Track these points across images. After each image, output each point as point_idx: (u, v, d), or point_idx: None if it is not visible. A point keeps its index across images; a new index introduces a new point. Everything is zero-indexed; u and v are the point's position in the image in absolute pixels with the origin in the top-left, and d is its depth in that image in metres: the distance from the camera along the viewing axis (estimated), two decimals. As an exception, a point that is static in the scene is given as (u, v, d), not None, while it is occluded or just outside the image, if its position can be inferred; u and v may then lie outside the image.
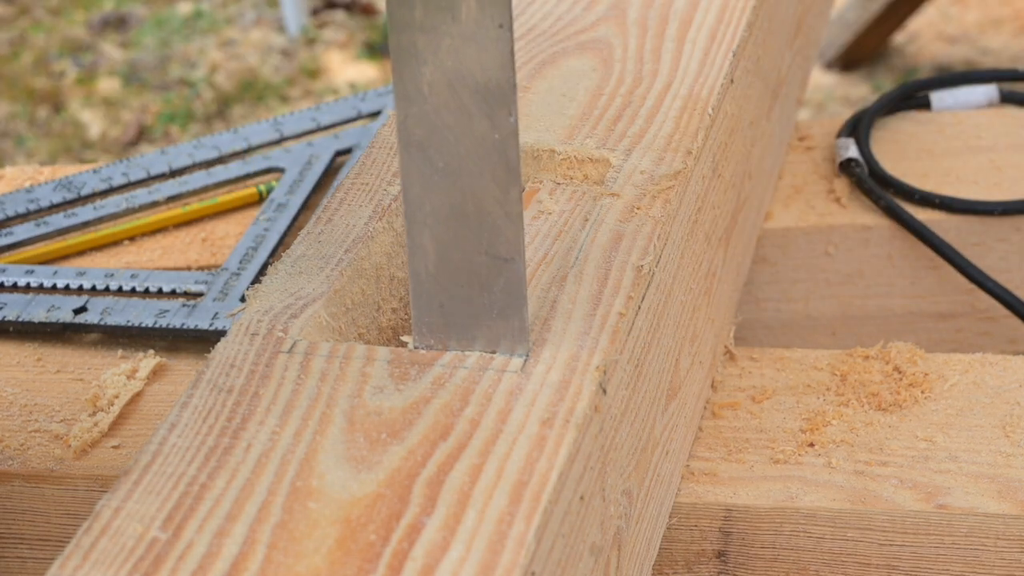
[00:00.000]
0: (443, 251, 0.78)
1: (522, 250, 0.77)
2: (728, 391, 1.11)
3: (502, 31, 0.71)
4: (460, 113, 0.74)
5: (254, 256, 1.21)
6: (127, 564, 0.69)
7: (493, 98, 0.73)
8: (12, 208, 1.30)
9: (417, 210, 0.77)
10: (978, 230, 1.29)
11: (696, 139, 0.97)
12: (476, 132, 0.74)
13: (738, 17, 1.11)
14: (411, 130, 0.75)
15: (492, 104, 0.73)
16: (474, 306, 0.78)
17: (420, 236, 0.77)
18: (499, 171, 0.75)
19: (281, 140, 1.37)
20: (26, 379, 1.13)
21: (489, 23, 0.71)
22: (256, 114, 3.11)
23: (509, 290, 0.78)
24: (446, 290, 0.78)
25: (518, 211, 0.76)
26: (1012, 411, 1.07)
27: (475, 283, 0.78)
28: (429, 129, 0.75)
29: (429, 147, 0.75)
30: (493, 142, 0.74)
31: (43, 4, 3.60)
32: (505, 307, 0.78)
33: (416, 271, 0.79)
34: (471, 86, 0.73)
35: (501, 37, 0.71)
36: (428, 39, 0.72)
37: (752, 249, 1.25)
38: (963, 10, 3.16)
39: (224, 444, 0.75)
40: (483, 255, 0.77)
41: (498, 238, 0.76)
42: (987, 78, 1.44)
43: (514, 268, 0.77)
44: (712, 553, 1.03)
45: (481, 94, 0.73)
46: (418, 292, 0.79)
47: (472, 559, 0.68)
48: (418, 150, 0.75)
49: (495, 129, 0.74)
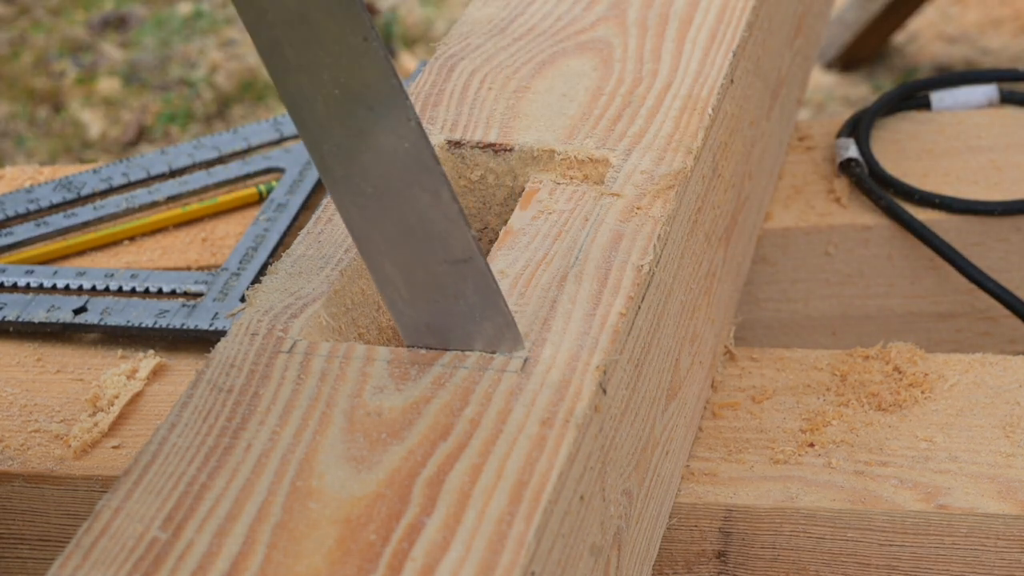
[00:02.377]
0: (407, 273, 0.78)
1: (475, 247, 0.77)
2: (728, 391, 1.11)
3: (368, 43, 0.71)
4: (364, 136, 0.74)
5: (254, 256, 1.21)
6: (127, 564, 0.69)
7: (386, 109, 0.73)
8: (12, 208, 1.30)
9: (368, 243, 0.77)
10: (978, 230, 1.29)
11: (696, 139, 0.97)
12: (386, 148, 0.74)
13: (738, 17, 1.10)
14: (331, 168, 0.75)
15: (388, 115, 0.73)
16: (456, 316, 0.79)
17: (381, 267, 0.78)
18: (423, 178, 0.75)
19: (281, 140, 1.37)
20: (26, 379, 1.13)
21: (354, 39, 0.71)
22: (256, 114, 3.11)
23: (480, 290, 0.78)
24: (425, 310, 0.79)
25: (456, 210, 0.76)
26: (1012, 411, 1.07)
27: (447, 294, 0.78)
28: (346, 161, 0.75)
29: (352, 178, 0.75)
30: (405, 151, 0.74)
31: (43, 4, 3.60)
32: (483, 308, 0.78)
33: (392, 302, 0.79)
34: (364, 104, 0.73)
35: (370, 49, 0.72)
36: (309, 76, 0.73)
37: (752, 249, 1.25)
38: (963, 10, 3.16)
39: (224, 444, 0.75)
40: (443, 263, 0.77)
41: (449, 242, 0.77)
42: (987, 78, 1.44)
43: (476, 266, 0.77)
44: (712, 553, 1.03)
45: (375, 109, 0.73)
46: (402, 322, 0.79)
47: (472, 559, 0.68)
48: (345, 184, 0.76)
49: (401, 138, 0.74)
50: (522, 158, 0.97)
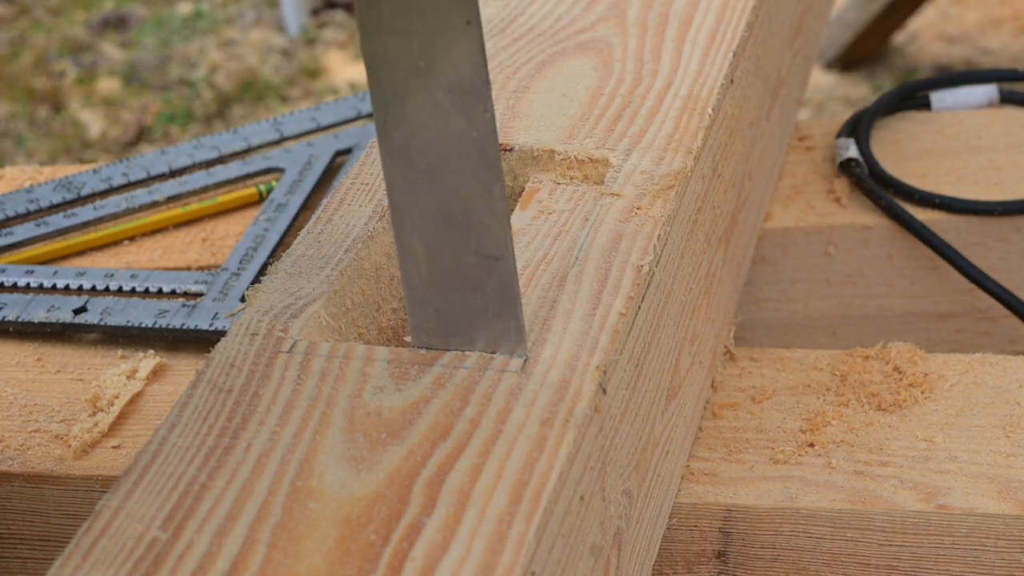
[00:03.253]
0: (433, 255, 0.77)
1: (511, 247, 0.76)
2: (728, 391, 1.11)
3: (470, 27, 0.71)
4: (437, 113, 0.73)
5: (254, 256, 1.21)
6: (127, 564, 0.69)
7: (467, 95, 0.73)
8: (12, 208, 1.30)
9: (404, 215, 0.77)
10: (978, 230, 1.29)
11: (696, 139, 0.97)
12: (454, 131, 0.74)
13: (738, 17, 1.11)
14: (391, 134, 0.75)
15: (467, 101, 0.73)
16: (469, 308, 0.78)
17: (409, 241, 0.77)
18: (480, 169, 0.74)
19: (281, 140, 1.37)
20: (26, 379, 1.13)
21: (456, 20, 0.71)
22: (256, 114, 3.11)
23: (501, 289, 0.77)
24: (440, 294, 0.78)
25: (503, 208, 0.75)
26: (1012, 411, 1.07)
27: (468, 285, 0.78)
28: (408, 132, 0.74)
29: (409, 150, 0.75)
30: (471, 140, 0.74)
31: (43, 4, 3.60)
32: (500, 307, 0.78)
33: (409, 277, 0.78)
34: (444, 85, 0.72)
35: (469, 34, 0.71)
36: (399, 41, 0.72)
37: (752, 249, 1.25)
38: (963, 10, 3.16)
39: (224, 444, 0.75)
40: (473, 255, 0.77)
41: (486, 237, 0.76)
42: (987, 78, 1.44)
43: (504, 266, 0.77)
44: (712, 553, 1.03)
45: (455, 92, 0.73)
46: (413, 298, 0.79)
47: (472, 559, 0.68)
48: (400, 154, 0.75)
49: (472, 127, 0.73)
50: (522, 158, 0.97)
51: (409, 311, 0.79)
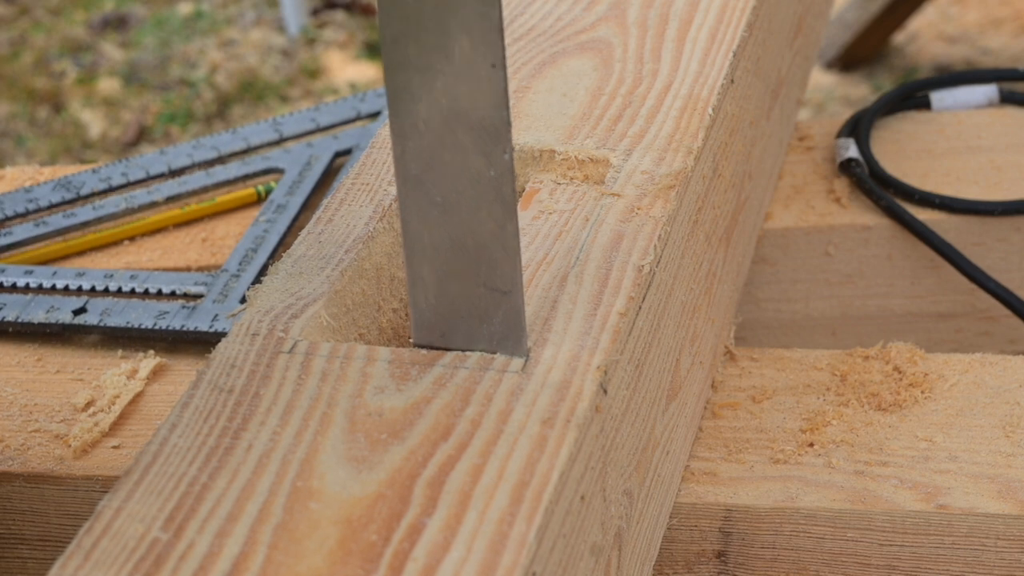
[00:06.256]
0: (442, 283, 0.78)
1: (520, 283, 0.77)
2: (728, 391, 1.11)
3: (495, 71, 0.71)
4: (456, 150, 0.74)
5: (254, 257, 1.21)
6: (128, 564, 0.69)
7: (488, 136, 0.73)
8: (12, 208, 1.30)
9: (416, 242, 0.77)
10: (978, 230, 1.29)
11: (696, 139, 0.97)
12: (472, 169, 0.74)
13: (738, 17, 1.11)
14: (408, 165, 0.75)
15: (487, 142, 0.73)
16: (474, 336, 0.79)
17: (420, 268, 0.78)
18: (495, 207, 0.75)
19: (281, 140, 1.37)
20: (26, 379, 1.13)
21: (482, 62, 0.71)
22: (256, 114, 3.11)
23: (507, 322, 0.78)
24: (446, 320, 0.79)
25: (515, 246, 0.76)
26: (1012, 411, 1.07)
27: (474, 314, 0.78)
28: (426, 164, 0.75)
29: (426, 182, 0.75)
30: (489, 179, 0.74)
31: (43, 4, 3.60)
32: (504, 338, 0.79)
33: (416, 301, 0.79)
34: (466, 124, 0.73)
35: (494, 76, 0.71)
36: (423, 78, 0.72)
37: (752, 249, 1.25)
38: (963, 10, 3.16)
39: (225, 444, 0.75)
40: (482, 287, 0.77)
41: (496, 272, 0.77)
42: (987, 78, 1.44)
43: (512, 301, 0.78)
44: (712, 553, 1.03)
45: (476, 132, 0.73)
46: (419, 322, 0.80)
47: (473, 559, 0.68)
48: (416, 185, 0.76)
49: (491, 166, 0.74)
50: (522, 158, 0.97)
51: (414, 331, 0.80)
